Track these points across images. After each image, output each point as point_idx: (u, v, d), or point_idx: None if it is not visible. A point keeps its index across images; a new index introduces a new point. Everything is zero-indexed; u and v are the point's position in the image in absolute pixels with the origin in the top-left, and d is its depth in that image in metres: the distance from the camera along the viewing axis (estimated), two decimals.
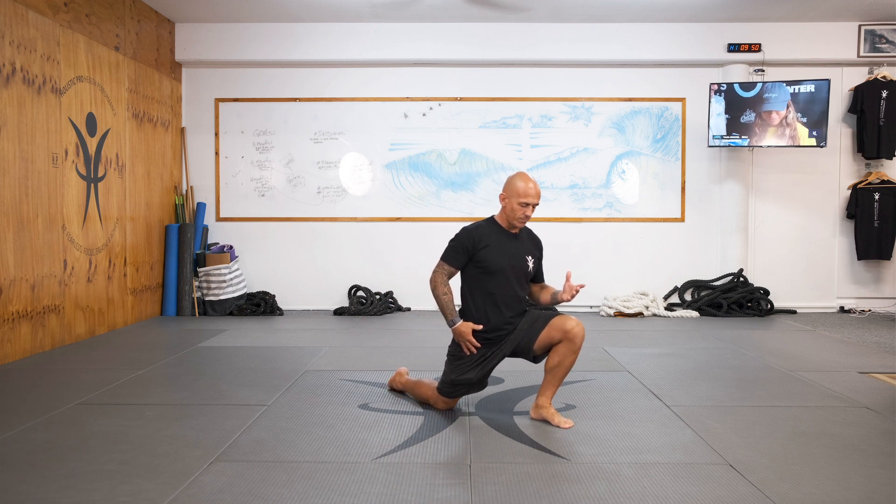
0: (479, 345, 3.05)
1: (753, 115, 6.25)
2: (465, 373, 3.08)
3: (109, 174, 5.40)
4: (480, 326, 3.05)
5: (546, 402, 3.05)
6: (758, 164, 6.72)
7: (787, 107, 6.19)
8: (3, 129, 4.21)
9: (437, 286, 3.09)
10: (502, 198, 3.11)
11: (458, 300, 3.18)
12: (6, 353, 4.22)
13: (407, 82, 6.70)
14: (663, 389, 3.64)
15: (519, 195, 3.03)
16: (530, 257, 3.16)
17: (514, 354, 3.13)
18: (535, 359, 3.12)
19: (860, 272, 6.76)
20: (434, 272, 3.13)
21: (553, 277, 6.51)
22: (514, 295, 3.09)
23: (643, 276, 6.72)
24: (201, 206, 6.62)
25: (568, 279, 3.07)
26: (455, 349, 3.14)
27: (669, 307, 6.57)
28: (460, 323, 3.06)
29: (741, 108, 6.27)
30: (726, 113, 6.30)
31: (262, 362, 4.28)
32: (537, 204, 3.06)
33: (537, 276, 3.26)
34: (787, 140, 6.23)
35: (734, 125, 6.30)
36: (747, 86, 6.27)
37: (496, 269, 3.06)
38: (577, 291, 3.03)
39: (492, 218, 3.18)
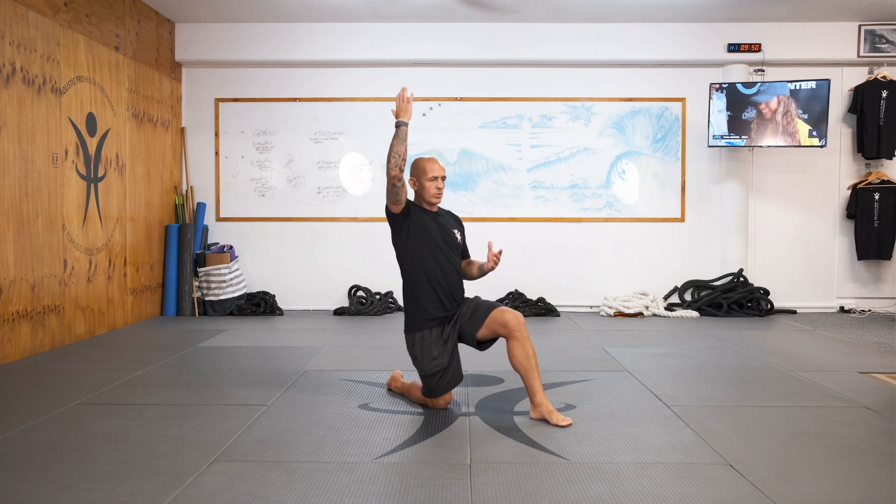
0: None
1: (754, 113, 6.25)
2: (431, 360, 3.17)
3: (109, 174, 5.40)
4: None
5: (541, 399, 3.05)
6: (758, 164, 6.72)
7: (788, 106, 6.18)
8: (3, 129, 4.21)
9: (390, 157, 3.12)
10: (412, 182, 3.31)
11: (398, 293, 3.23)
12: (6, 353, 4.22)
13: (407, 82, 6.67)
14: (663, 389, 3.64)
15: (426, 173, 3.24)
16: (456, 231, 3.35)
17: (460, 339, 3.27)
18: (480, 345, 3.27)
19: (860, 272, 6.76)
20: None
21: (554, 278, 6.63)
22: (451, 269, 3.26)
23: (643, 276, 6.72)
24: (201, 206, 6.62)
25: (490, 248, 3.29)
26: (412, 349, 3.26)
27: (669, 307, 6.57)
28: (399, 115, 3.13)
29: (742, 105, 6.26)
30: (728, 110, 6.30)
31: (262, 362, 4.28)
32: (445, 176, 3.27)
33: (464, 252, 3.45)
34: (788, 140, 6.23)
35: (735, 123, 6.29)
36: (748, 85, 6.27)
37: (430, 239, 3.19)
38: (498, 258, 3.24)
39: (412, 201, 3.35)
